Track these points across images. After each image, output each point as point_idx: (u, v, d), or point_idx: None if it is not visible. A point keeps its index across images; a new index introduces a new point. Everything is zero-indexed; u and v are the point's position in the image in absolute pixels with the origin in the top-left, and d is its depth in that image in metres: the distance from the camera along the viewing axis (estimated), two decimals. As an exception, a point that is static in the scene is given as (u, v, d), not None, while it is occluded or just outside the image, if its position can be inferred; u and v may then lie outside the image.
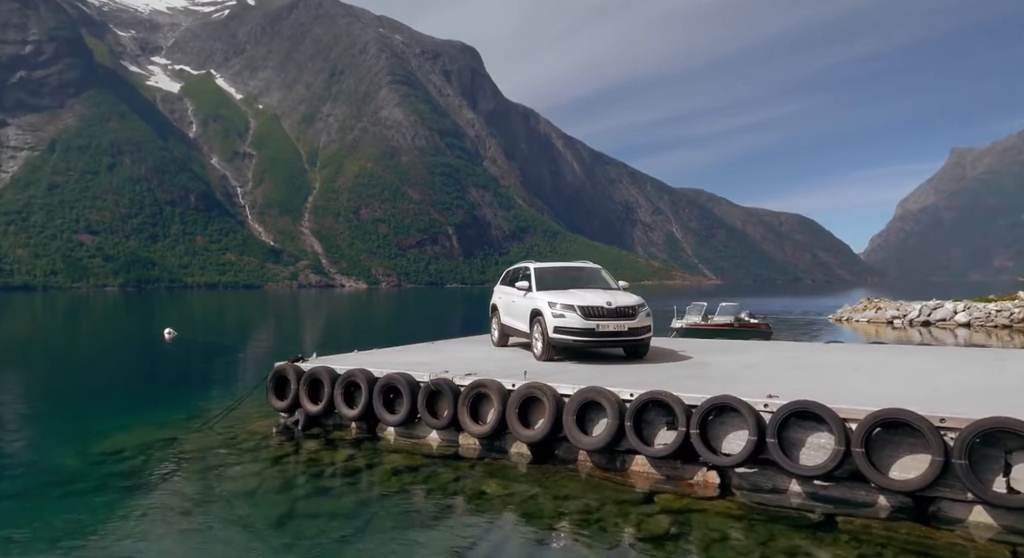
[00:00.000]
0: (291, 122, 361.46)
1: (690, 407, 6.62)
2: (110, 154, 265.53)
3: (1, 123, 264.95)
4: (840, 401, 6.35)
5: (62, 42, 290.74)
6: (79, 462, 8.10)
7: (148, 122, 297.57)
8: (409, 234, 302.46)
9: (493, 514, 6.21)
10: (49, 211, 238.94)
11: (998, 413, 5.55)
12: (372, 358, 10.43)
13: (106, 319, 54.05)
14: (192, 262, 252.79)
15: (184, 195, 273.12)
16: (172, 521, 6.16)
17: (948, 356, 10.53)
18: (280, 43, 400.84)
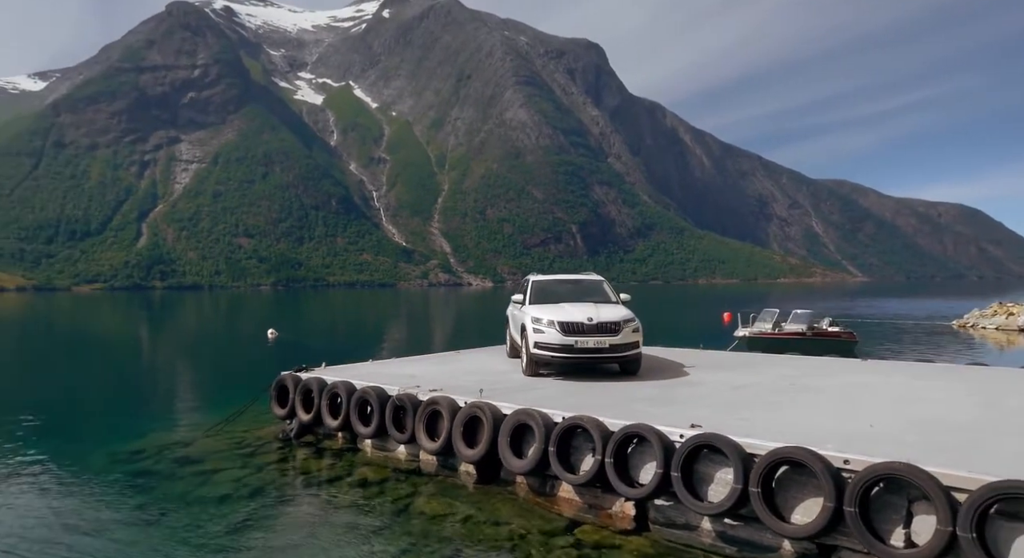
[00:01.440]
0: (421, 127, 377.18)
1: (608, 434, 6.59)
2: (263, 164, 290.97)
3: (175, 139, 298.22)
4: (778, 435, 6.06)
5: (224, 64, 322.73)
6: (102, 460, 9.36)
7: (295, 133, 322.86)
8: (533, 233, 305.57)
9: (421, 535, 6.48)
10: (214, 217, 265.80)
11: (933, 457, 5.26)
12: (379, 368, 11.08)
13: (240, 316, 59.73)
14: (333, 262, 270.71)
15: (326, 200, 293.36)
16: (139, 518, 7.07)
17: (1002, 382, 9.40)
18: (411, 52, 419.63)
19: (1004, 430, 6.40)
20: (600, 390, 8.93)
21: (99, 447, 10.17)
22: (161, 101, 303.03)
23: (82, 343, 36.07)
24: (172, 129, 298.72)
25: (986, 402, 7.82)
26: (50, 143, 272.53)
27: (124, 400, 15.70)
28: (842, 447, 5.68)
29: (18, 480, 8.43)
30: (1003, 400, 7.92)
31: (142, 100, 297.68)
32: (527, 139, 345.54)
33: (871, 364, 11.64)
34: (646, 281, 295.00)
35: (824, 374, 10.31)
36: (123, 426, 11.99)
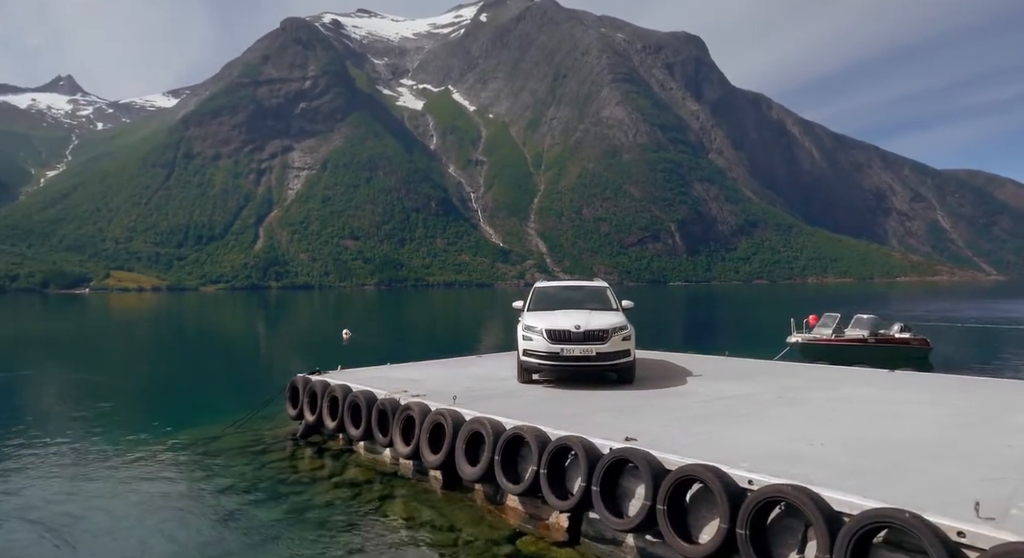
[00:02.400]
0: (518, 128, 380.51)
1: (544, 445, 6.74)
2: (368, 169, 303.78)
3: (288, 148, 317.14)
4: (709, 451, 6.02)
5: (332, 75, 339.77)
6: (133, 446, 10.46)
7: (397, 138, 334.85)
8: (630, 232, 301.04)
9: (378, 536, 6.89)
10: (323, 221, 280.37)
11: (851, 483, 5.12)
12: (387, 372, 11.63)
13: (338, 315, 62.96)
14: (433, 263, 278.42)
15: (426, 202, 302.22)
16: (140, 503, 7.95)
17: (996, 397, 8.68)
18: (508, 54, 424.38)
19: (950, 454, 6.04)
20: (578, 399, 9.03)
21: (141, 434, 11.38)
22: (276, 112, 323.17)
23: (184, 337, 39.50)
24: (286, 138, 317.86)
25: (967, 423, 7.35)
26: (180, 155, 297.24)
27: (189, 391, 17.26)
28: (761, 466, 5.60)
29: (44, 459, 9.62)
30: (989, 421, 7.41)
31: (259, 112, 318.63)
32: (624, 137, 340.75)
33: (895, 376, 10.98)
34: (749, 280, 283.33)
35: (827, 386, 9.89)
36: (174, 416, 13.29)
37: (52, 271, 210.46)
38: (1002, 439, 6.58)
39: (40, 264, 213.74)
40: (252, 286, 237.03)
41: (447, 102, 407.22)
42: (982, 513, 4.32)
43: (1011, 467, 5.50)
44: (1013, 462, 5.75)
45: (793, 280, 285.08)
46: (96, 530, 7.19)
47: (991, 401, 8.68)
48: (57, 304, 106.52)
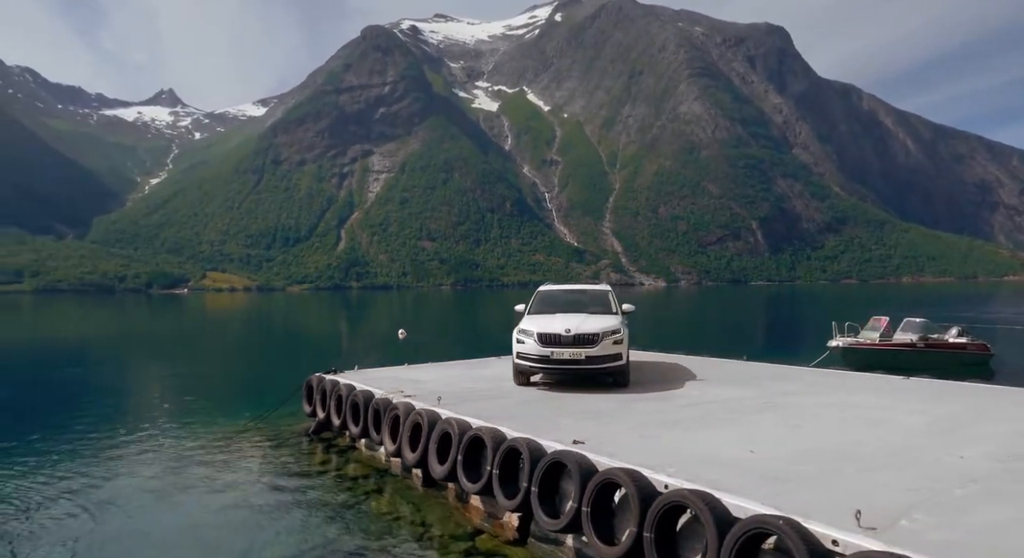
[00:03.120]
0: (593, 127, 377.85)
1: (498, 446, 7.05)
2: (444, 170, 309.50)
3: (368, 152, 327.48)
4: (648, 455, 6.21)
5: (410, 80, 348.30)
6: (162, 438, 11.45)
7: (473, 140, 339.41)
8: (709, 230, 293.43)
9: (353, 528, 7.38)
10: (401, 222, 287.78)
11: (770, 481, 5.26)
12: (398, 373, 12.19)
13: (410, 314, 64.81)
14: (508, 263, 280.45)
15: (501, 203, 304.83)
16: (152, 487, 8.81)
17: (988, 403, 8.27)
18: (583, 53, 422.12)
19: (894, 463, 5.99)
20: (561, 401, 9.28)
21: (178, 426, 12.41)
22: (357, 118, 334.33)
23: (261, 334, 41.83)
24: (366, 143, 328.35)
25: (939, 431, 7.23)
26: (269, 161, 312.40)
27: (243, 385, 18.49)
28: (688, 471, 5.69)
29: (84, 446, 10.69)
30: (961, 430, 7.22)
31: (341, 118, 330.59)
32: (702, 133, 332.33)
33: (906, 383, 10.58)
34: (837, 279, 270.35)
35: (824, 392, 9.75)
36: (220, 409, 14.37)
37: (155, 272, 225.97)
38: (961, 449, 6.41)
39: (144, 266, 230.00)
40: (335, 286, 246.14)
41: (522, 103, 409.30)
42: (865, 522, 4.45)
43: (944, 478, 5.49)
44: (951, 474, 5.65)
45: (886, 279, 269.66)
46: (102, 509, 8.06)
47: (987, 410, 8.33)
48: (158, 303, 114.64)
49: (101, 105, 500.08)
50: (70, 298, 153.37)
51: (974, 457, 6.15)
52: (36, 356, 30.76)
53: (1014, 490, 5.18)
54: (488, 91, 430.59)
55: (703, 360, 13.86)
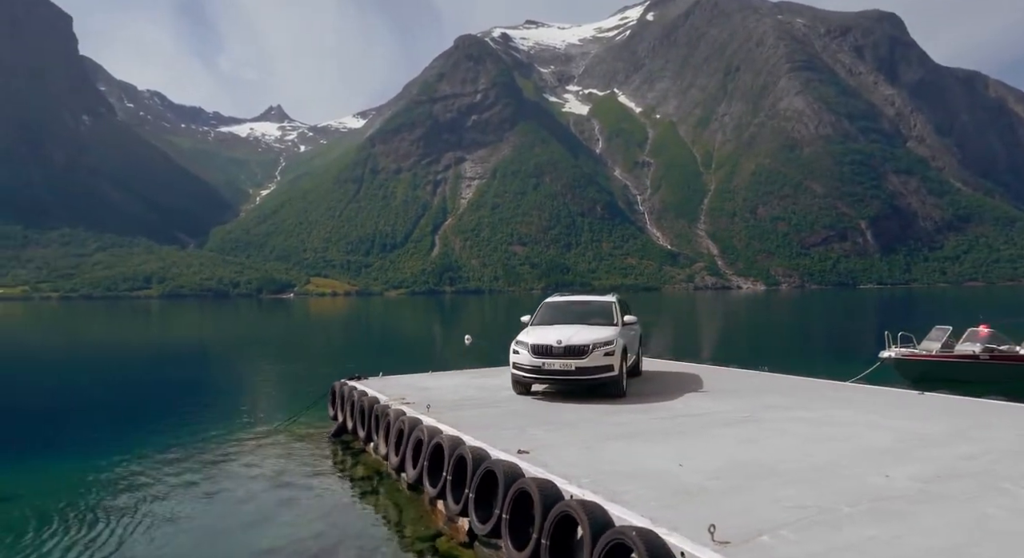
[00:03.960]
0: (686, 127, 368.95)
1: (452, 452, 7.62)
2: (534, 175, 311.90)
3: (461, 159, 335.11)
4: (594, 464, 6.60)
5: (501, 87, 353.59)
6: (203, 436, 12.77)
7: (563, 144, 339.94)
8: (812, 231, 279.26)
9: (341, 525, 8.14)
10: (492, 227, 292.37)
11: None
12: (414, 380, 12.99)
13: (491, 317, 66.20)
14: (599, 267, 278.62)
15: (592, 206, 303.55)
16: (180, 482, 10.00)
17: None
18: (676, 52, 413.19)
19: (813, 480, 6.10)
20: (545, 411, 9.73)
21: (228, 423, 13.77)
22: (450, 126, 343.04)
23: (341, 337, 44.20)
24: (458, 150, 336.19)
25: (891, 450, 7.12)
26: (367, 170, 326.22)
27: (301, 387, 19.89)
28: (602, 481, 6.04)
29: (123, 443, 12.13)
30: (915, 450, 7.05)
31: (435, 127, 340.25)
32: (804, 129, 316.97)
33: (921, 399, 10.21)
34: (960, 282, 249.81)
35: (813, 407, 9.70)
36: (264, 409, 15.70)
37: (264, 278, 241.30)
38: (896, 469, 6.38)
39: (255, 272, 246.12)
40: (429, 291, 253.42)
41: (613, 105, 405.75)
42: (723, 537, 4.62)
43: (846, 496, 5.53)
44: (858, 492, 5.70)
45: (1018, 281, 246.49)
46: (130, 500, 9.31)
47: (971, 430, 8.05)
48: (267, 307, 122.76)
49: (218, 123, 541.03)
50: (191, 302, 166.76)
51: (899, 477, 6.13)
52: (153, 356, 34.23)
53: (903, 509, 5.24)
54: (578, 95, 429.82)
55: (723, 371, 13.85)
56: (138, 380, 23.62)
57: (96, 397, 19.73)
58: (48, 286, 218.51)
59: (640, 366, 13.56)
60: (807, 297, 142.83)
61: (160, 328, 64.27)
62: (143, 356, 34.96)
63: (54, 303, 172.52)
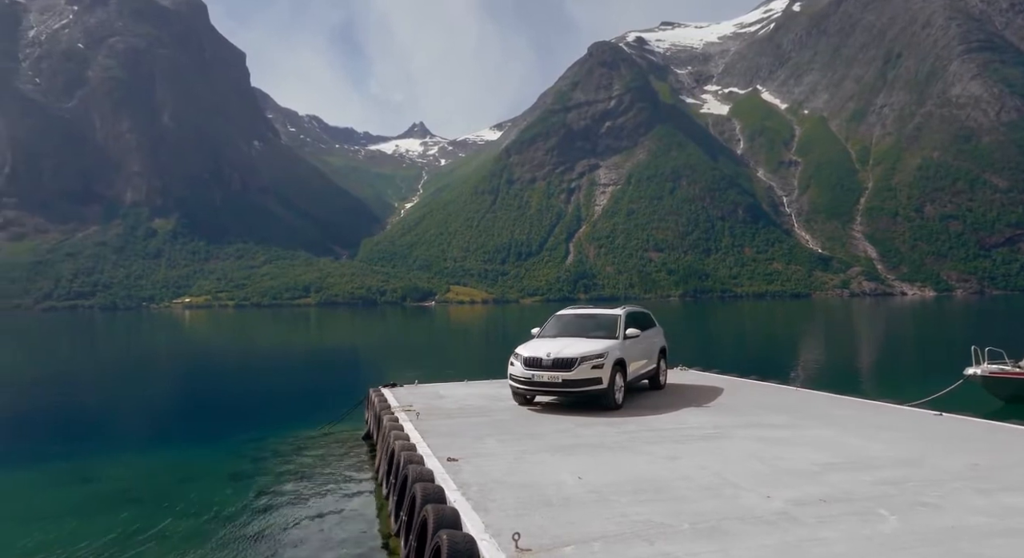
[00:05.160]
0: (838, 122, 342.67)
1: (401, 457, 8.45)
2: (671, 180, 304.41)
3: (595, 166, 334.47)
4: (511, 474, 7.34)
5: (635, 91, 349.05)
6: (249, 436, 14.50)
7: (701, 147, 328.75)
8: (994, 230, 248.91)
9: (325, 519, 9.28)
10: (627, 234, 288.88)
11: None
12: (447, 389, 13.94)
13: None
14: (741, 272, 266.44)
15: (733, 210, 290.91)
16: (217, 476, 11.66)
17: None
18: (826, 42, 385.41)
19: (694, 497, 6.32)
20: (524, 423, 10.39)
21: (277, 427, 15.52)
22: (583, 133, 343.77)
23: (455, 343, 46.37)
24: (592, 157, 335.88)
25: (801, 470, 7.00)
26: (503, 181, 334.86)
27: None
28: (488, 489, 6.63)
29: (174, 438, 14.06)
30: (827, 471, 6.91)
31: (569, 135, 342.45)
32: (982, 117, 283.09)
33: (935, 421, 9.57)
34: None
35: (798, 427, 9.41)
36: (311, 412, 17.41)
37: (408, 287, 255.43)
38: (787, 491, 6.39)
39: (400, 281, 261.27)
40: (564, 298, 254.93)
41: (755, 103, 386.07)
42: (528, 545, 4.87)
43: (694, 517, 5.66)
44: (716, 513, 5.88)
45: None
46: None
47: (937, 454, 7.59)
48: (411, 314, 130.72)
49: (367, 141, 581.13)
50: (343, 309, 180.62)
51: (779, 499, 6.17)
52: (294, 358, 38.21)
53: (742, 530, 5.35)
54: (717, 94, 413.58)
55: (757, 385, 13.65)
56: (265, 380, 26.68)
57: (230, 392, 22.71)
58: (226, 295, 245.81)
59: (661, 377, 13.59)
60: (986, 303, 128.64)
61: (318, 333, 70.76)
62: (290, 357, 39.03)
63: (230, 310, 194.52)
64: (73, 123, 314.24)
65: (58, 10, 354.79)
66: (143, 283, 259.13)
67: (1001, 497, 6.07)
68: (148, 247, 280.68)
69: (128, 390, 25.78)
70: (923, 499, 6.01)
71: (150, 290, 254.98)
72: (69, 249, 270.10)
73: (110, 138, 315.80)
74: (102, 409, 20.86)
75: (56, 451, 13.94)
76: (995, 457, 7.54)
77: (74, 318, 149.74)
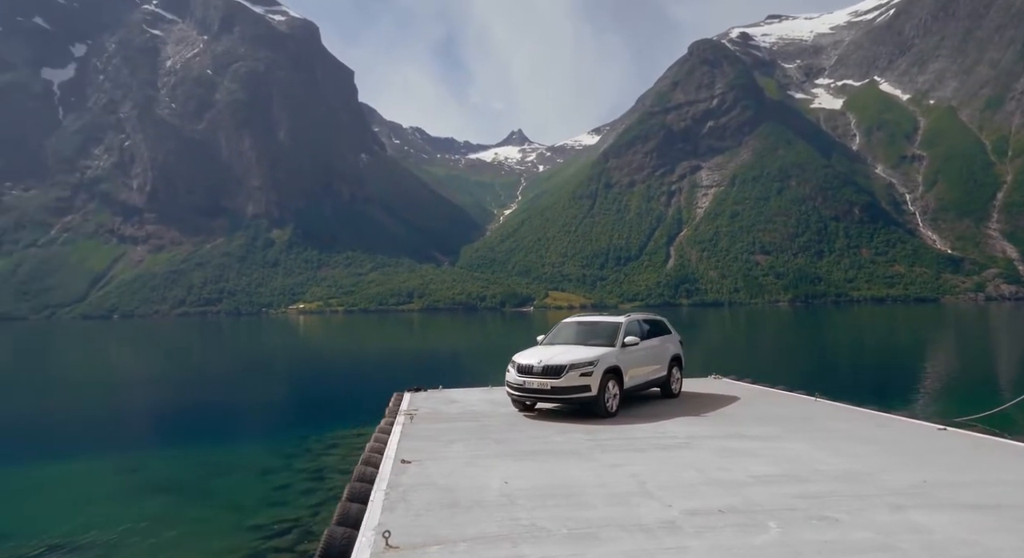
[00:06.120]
0: (970, 111, 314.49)
1: (370, 460, 8.99)
2: (778, 179, 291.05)
3: (696, 168, 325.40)
4: (446, 478, 7.76)
5: (739, 89, 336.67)
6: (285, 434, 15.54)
7: (811, 144, 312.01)
8: None
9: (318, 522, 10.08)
10: (731, 237, 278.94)
11: None
12: (463, 394, 14.43)
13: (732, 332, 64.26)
14: (857, 276, 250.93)
15: (847, 209, 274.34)
16: (247, 471, 12.72)
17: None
18: (955, 26, 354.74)
19: (582, 505, 6.50)
20: (504, 427, 10.73)
21: (320, 424, 16.54)
22: (684, 135, 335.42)
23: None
24: (693, 158, 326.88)
25: (728, 483, 6.85)
26: (601, 185, 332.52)
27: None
28: (411, 491, 7.02)
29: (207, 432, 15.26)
30: (744, 484, 6.73)
31: (668, 137, 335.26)
32: None
33: (939, 435, 9.01)
34: None
35: (775, 438, 9.16)
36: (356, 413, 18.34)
37: (507, 293, 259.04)
38: (694, 501, 6.41)
39: (499, 287, 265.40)
40: (664, 303, 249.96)
41: (872, 95, 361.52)
42: (394, 542, 5.12)
43: (579, 523, 5.79)
44: (604, 519, 6.02)
45: None
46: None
47: (894, 468, 7.23)
48: (510, 319, 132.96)
49: (467, 150, 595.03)
50: (444, 315, 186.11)
51: (679, 508, 6.22)
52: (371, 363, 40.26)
53: (610, 536, 5.43)
54: (830, 88, 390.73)
55: (774, 394, 13.14)
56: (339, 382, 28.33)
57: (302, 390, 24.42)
58: (336, 301, 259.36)
59: (674, 385, 13.45)
60: None
61: (408, 337, 73.65)
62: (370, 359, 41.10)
63: (340, 316, 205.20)
64: (202, 143, 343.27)
65: (190, 41, 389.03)
66: (262, 290, 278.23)
67: (912, 514, 5.79)
68: (267, 256, 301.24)
69: (215, 390, 28.21)
70: (827, 513, 5.84)
71: (268, 297, 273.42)
72: (199, 259, 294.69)
73: (234, 156, 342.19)
74: (181, 407, 23.03)
75: (120, 444, 15.76)
76: (954, 475, 7.07)
77: (203, 323, 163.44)
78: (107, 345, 71.41)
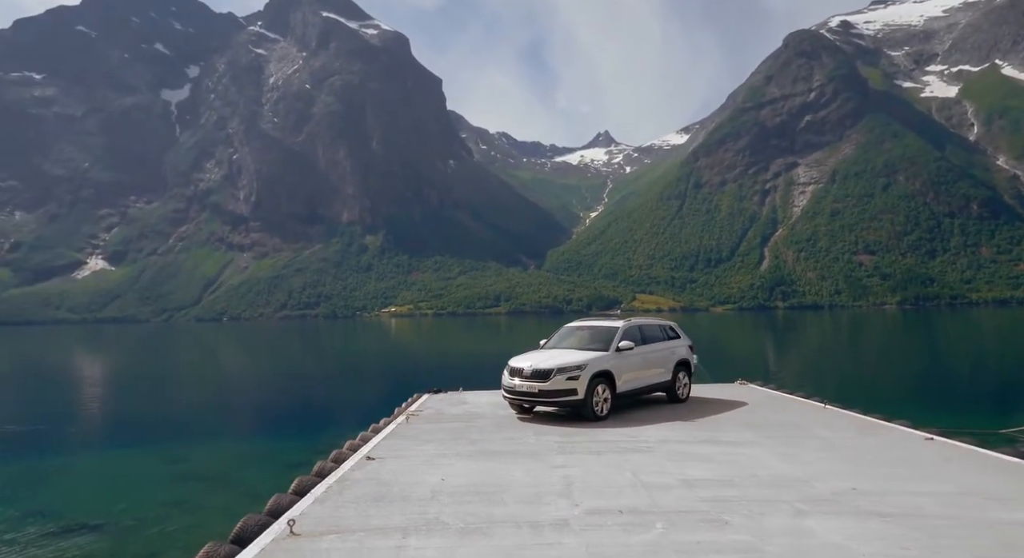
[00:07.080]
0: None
1: (339, 456, 9.54)
2: (884, 175, 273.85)
3: (792, 165, 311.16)
4: (401, 475, 8.29)
5: (839, 80, 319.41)
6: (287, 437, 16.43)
7: (921, 135, 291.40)
8: None
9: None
10: (831, 236, 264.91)
11: None
12: (476, 396, 14.84)
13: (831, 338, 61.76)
14: (976, 276, 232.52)
15: (964, 204, 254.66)
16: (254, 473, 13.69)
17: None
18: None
19: (506, 501, 6.64)
20: (489, 429, 11.08)
21: (358, 422, 17.38)
22: (779, 130, 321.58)
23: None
24: (789, 155, 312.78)
25: (661, 486, 6.89)
26: (691, 185, 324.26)
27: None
28: (356, 488, 7.51)
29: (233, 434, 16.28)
30: (684, 486, 6.71)
31: (762, 133, 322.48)
32: None
33: (927, 445, 8.62)
34: None
35: (747, 444, 9.07)
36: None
37: (593, 296, 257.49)
38: (604, 501, 6.71)
39: (585, 290, 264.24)
40: (758, 306, 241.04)
41: (993, 80, 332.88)
42: (298, 530, 5.60)
43: (479, 519, 6.08)
44: (505, 516, 6.25)
45: None
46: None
47: (843, 473, 7.04)
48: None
49: (553, 154, 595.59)
50: (530, 318, 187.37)
51: (584, 508, 6.42)
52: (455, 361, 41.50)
53: (497, 531, 5.62)
54: (943, 74, 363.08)
55: (788, 402, 12.83)
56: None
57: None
58: (426, 305, 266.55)
59: (680, 390, 13.31)
60: None
61: (508, 338, 75.06)
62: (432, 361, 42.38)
63: (429, 319, 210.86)
64: (302, 154, 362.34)
65: (291, 58, 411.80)
66: (356, 294, 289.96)
67: (808, 520, 5.72)
68: (360, 261, 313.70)
69: (291, 388, 30.01)
70: (724, 516, 5.85)
71: (362, 301, 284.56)
72: (298, 265, 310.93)
73: (330, 165, 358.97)
74: (246, 403, 24.73)
75: (170, 435, 17.26)
76: (893, 484, 6.79)
77: (302, 326, 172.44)
78: (218, 347, 77.14)
